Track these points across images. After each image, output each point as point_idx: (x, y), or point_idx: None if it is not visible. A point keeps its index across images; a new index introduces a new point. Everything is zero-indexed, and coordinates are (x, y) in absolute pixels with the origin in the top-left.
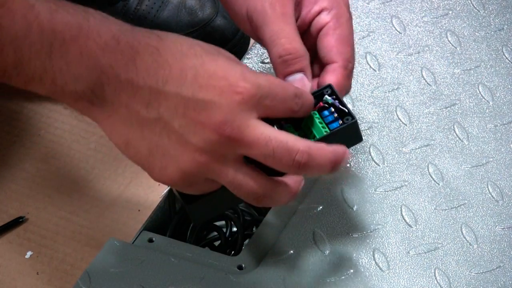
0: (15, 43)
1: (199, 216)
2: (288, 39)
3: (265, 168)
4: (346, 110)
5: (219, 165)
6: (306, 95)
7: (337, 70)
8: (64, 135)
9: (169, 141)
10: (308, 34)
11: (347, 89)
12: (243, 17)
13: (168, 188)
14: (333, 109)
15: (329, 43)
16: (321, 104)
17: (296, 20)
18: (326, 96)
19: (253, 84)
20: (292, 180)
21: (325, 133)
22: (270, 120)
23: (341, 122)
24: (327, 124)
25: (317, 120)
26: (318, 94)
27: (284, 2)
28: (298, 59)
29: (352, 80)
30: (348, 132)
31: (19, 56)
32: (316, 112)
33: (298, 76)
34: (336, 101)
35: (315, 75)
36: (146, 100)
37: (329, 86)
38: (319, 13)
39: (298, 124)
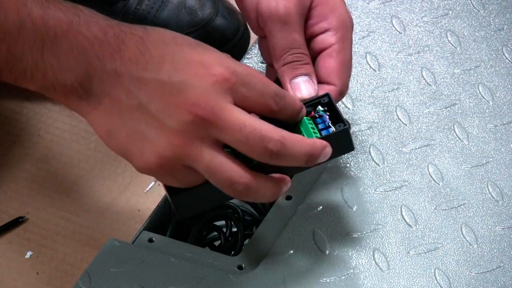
0: (8, 40)
1: (183, 209)
2: (299, 50)
3: (252, 165)
4: (340, 117)
5: (195, 149)
6: (289, 98)
7: (333, 93)
8: (64, 135)
9: (146, 126)
10: (309, 47)
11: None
12: (252, 10)
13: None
14: (327, 117)
15: (331, 65)
16: (313, 113)
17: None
18: (319, 107)
19: (228, 69)
20: (278, 177)
21: (315, 138)
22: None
23: (333, 129)
24: (319, 131)
25: (309, 126)
26: (315, 102)
27: (298, 9)
28: (306, 65)
29: (352, 80)
30: (339, 139)
31: (12, 52)
32: (310, 118)
33: (305, 77)
34: (327, 113)
35: None
36: (127, 88)
37: (327, 94)
38: (325, 30)
39: (292, 129)
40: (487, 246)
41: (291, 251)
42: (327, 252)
